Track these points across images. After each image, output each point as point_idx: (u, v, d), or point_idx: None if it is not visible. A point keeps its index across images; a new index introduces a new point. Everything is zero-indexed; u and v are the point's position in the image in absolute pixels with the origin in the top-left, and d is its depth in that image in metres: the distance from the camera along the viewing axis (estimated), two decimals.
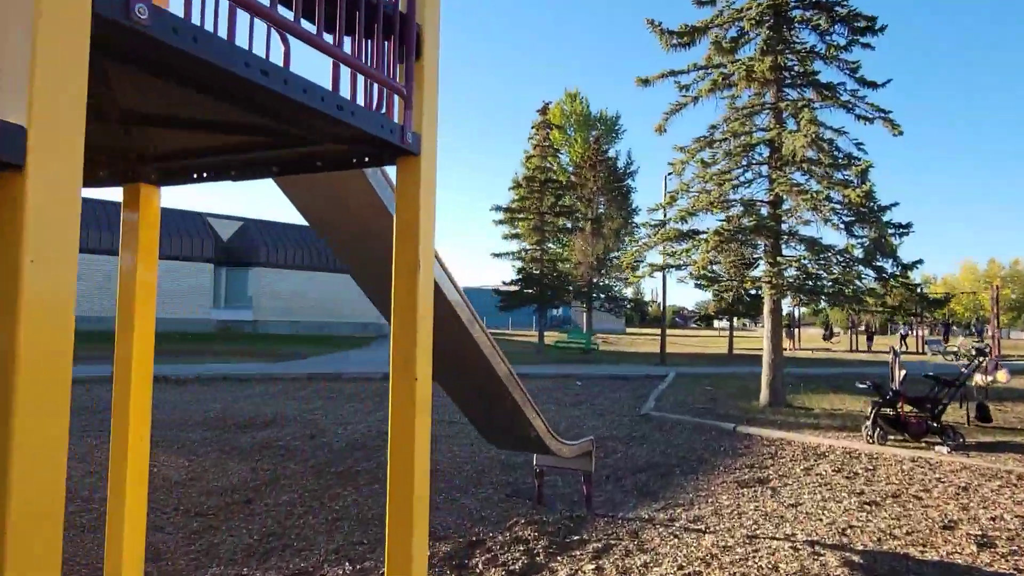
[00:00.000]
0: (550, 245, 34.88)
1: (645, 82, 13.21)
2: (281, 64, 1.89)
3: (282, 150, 2.76)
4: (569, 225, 36.22)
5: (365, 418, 10.74)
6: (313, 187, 3.46)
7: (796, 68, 12.74)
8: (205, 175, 2.98)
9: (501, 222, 34.73)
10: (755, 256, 13.22)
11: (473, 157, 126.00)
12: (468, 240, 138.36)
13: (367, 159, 2.75)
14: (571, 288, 35.20)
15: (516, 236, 34.59)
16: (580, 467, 6.22)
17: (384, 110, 2.39)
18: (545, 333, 33.87)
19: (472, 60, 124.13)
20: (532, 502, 6.30)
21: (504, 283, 35.14)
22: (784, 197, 12.51)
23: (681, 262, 13.27)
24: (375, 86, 2.35)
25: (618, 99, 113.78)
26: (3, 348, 1.14)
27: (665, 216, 13.91)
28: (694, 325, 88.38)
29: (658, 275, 16.20)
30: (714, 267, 13.62)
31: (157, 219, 3.03)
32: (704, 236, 12.72)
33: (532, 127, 35.06)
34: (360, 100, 2.26)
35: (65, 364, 1.21)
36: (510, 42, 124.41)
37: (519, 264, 34.21)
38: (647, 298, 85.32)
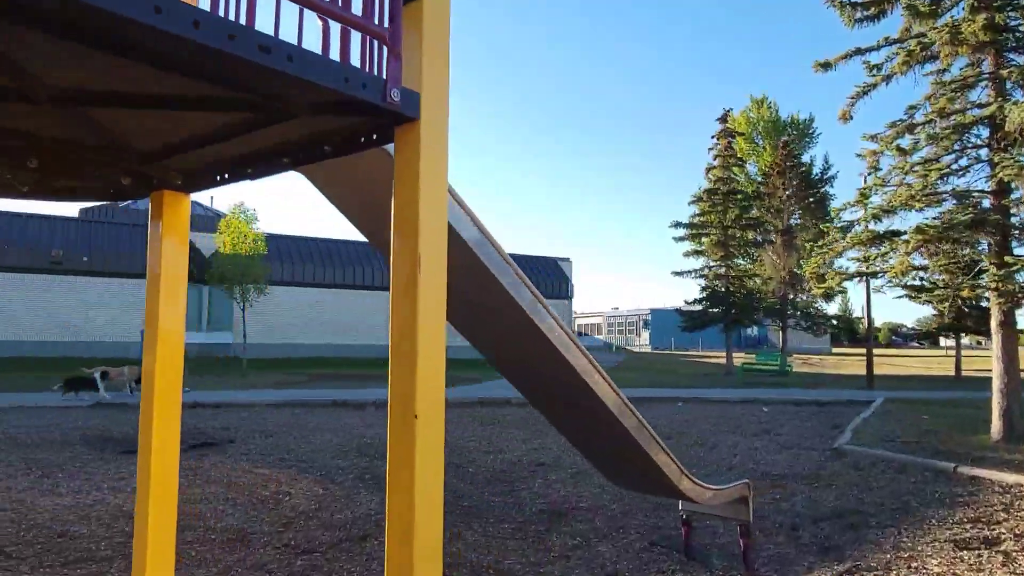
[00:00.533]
0: (737, 260, 32.64)
1: (826, 66, 11.56)
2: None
3: (280, 134, 2.29)
4: (759, 239, 33.77)
5: (520, 446, 10.21)
6: (340, 181, 2.95)
7: (1021, 27, 10.44)
8: (227, 176, 2.73)
9: (682, 239, 33.13)
10: (976, 258, 10.89)
11: (647, 167, 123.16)
12: (650, 258, 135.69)
13: (375, 136, 2.20)
14: (761, 306, 32.67)
15: (699, 252, 32.74)
16: (734, 516, 5.16)
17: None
18: (736, 354, 31.59)
19: (643, 71, 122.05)
20: (679, 554, 5.33)
21: (687, 302, 33.43)
22: (1012, 184, 10.21)
23: (876, 268, 11.28)
24: (382, 49, 1.83)
25: (811, 102, 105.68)
26: None
27: (866, 213, 11.88)
28: (915, 344, 78.64)
29: (852, 286, 14.02)
30: (920, 273, 11.42)
31: (185, 228, 2.86)
32: (905, 237, 10.68)
33: (713, 137, 33.28)
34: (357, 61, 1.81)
35: None
36: (689, 52, 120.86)
37: (702, 282, 32.37)
38: (856, 314, 77.33)
